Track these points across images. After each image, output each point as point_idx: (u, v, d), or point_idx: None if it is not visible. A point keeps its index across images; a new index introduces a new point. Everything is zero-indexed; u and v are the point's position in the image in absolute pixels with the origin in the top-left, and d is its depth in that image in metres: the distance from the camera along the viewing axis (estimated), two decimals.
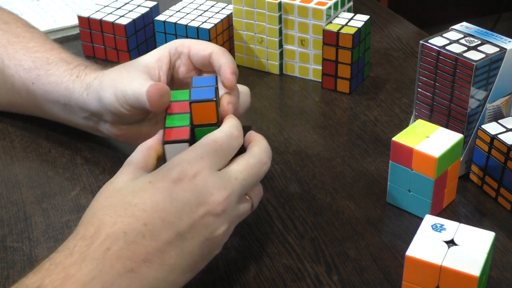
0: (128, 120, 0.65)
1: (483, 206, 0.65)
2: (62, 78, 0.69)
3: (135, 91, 0.60)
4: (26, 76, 0.72)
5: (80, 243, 0.47)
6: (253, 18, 0.86)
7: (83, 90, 0.67)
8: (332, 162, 0.71)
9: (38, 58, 0.72)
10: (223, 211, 0.51)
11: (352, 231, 0.62)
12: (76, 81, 0.68)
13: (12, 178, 0.69)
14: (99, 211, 0.49)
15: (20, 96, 0.73)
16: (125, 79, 0.63)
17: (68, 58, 0.72)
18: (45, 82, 0.70)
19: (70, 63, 0.71)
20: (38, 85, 0.71)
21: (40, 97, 0.72)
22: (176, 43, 0.65)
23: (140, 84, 0.60)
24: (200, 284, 0.56)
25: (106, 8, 0.92)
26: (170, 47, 0.65)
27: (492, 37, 0.66)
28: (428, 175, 0.60)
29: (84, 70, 0.69)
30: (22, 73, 0.72)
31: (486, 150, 0.64)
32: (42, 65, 0.71)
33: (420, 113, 0.70)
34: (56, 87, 0.70)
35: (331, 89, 0.85)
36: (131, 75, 0.63)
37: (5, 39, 0.75)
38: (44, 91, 0.71)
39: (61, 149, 0.74)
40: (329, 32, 0.81)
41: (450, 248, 0.50)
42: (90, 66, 0.70)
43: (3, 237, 0.62)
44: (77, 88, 0.68)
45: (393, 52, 0.94)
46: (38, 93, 0.71)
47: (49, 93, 0.70)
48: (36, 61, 0.72)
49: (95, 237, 0.47)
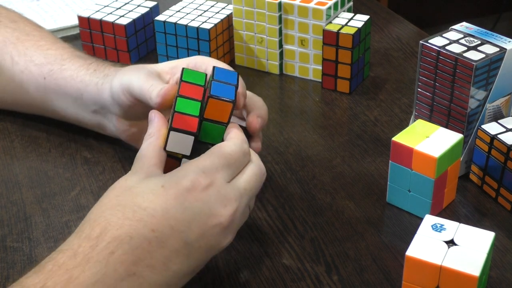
0: (132, 113, 0.66)
1: (483, 206, 0.65)
2: (78, 72, 0.70)
3: (141, 82, 0.61)
4: (38, 71, 0.72)
5: (85, 244, 0.47)
6: (253, 18, 0.86)
7: (99, 80, 0.68)
8: (332, 162, 0.71)
9: (51, 54, 0.73)
10: (233, 222, 0.51)
11: (352, 231, 0.62)
12: (93, 74, 0.69)
13: (12, 178, 0.69)
14: (107, 210, 0.49)
15: (29, 93, 0.74)
16: (134, 71, 0.63)
17: (82, 55, 0.74)
18: (58, 77, 0.71)
19: (86, 59, 0.72)
20: (50, 79, 0.71)
21: (51, 92, 0.72)
22: (196, 59, 0.65)
23: (147, 78, 0.61)
24: (200, 284, 0.56)
25: (106, 8, 0.92)
26: (189, 61, 0.65)
27: (492, 37, 0.66)
28: (428, 175, 0.60)
29: (102, 65, 0.70)
30: (32, 68, 0.73)
31: (486, 150, 0.64)
32: (56, 61, 0.72)
33: (420, 113, 0.70)
34: (71, 81, 0.70)
35: (331, 89, 0.85)
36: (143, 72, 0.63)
37: (15, 36, 0.75)
38: (56, 85, 0.71)
39: (61, 149, 0.74)
40: (329, 32, 0.81)
41: (450, 248, 0.50)
42: (108, 63, 0.71)
43: (3, 237, 0.62)
44: (94, 79, 0.68)
45: (393, 52, 0.94)
46: (49, 88, 0.72)
47: (62, 87, 0.71)
48: (49, 57, 0.73)
49: (100, 239, 0.47)
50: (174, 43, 0.87)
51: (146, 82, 0.60)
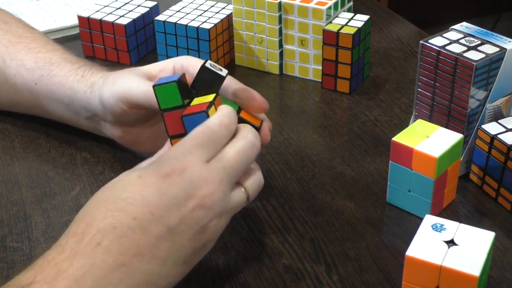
0: (126, 120, 0.66)
1: (483, 206, 0.65)
2: (67, 79, 0.69)
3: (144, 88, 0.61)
4: (29, 76, 0.72)
5: (72, 240, 0.48)
6: (253, 18, 0.86)
7: (87, 89, 0.67)
8: (332, 162, 0.71)
9: (41, 58, 0.72)
10: (213, 203, 0.51)
11: (352, 231, 0.62)
12: (81, 81, 0.68)
13: (12, 178, 0.69)
14: (91, 208, 0.50)
15: (23, 95, 0.74)
16: (127, 77, 0.63)
17: (71, 58, 0.73)
18: (48, 83, 0.71)
19: (74, 63, 0.71)
20: (41, 85, 0.71)
21: (43, 97, 0.72)
22: (182, 60, 0.64)
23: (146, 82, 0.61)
24: (200, 284, 0.56)
25: (106, 8, 0.92)
26: (175, 62, 0.65)
27: (492, 37, 0.66)
28: (428, 175, 0.60)
29: (89, 70, 0.69)
30: (24, 73, 0.72)
31: (486, 150, 0.64)
32: (45, 66, 0.72)
33: (420, 113, 0.70)
34: (61, 87, 0.70)
35: (331, 89, 0.85)
36: (133, 77, 0.63)
37: (6, 39, 0.75)
38: (47, 91, 0.71)
39: (61, 149, 0.74)
40: (329, 32, 0.81)
41: (450, 248, 0.50)
42: (95, 66, 0.70)
43: (3, 237, 0.62)
44: (82, 87, 0.68)
45: (393, 52, 0.94)
46: (41, 93, 0.72)
47: (53, 93, 0.71)
48: (39, 61, 0.72)
49: (86, 233, 0.48)
50: (174, 43, 0.87)
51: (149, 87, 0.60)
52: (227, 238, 0.61)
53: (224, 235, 0.61)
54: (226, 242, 0.60)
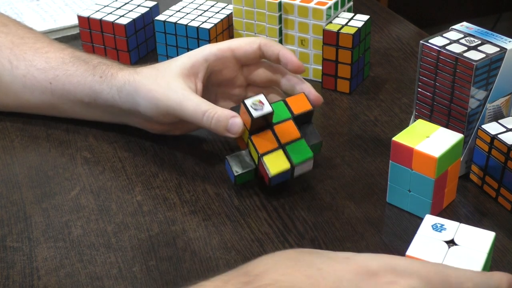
0: (162, 122, 0.68)
1: (483, 206, 0.65)
2: (85, 79, 0.70)
3: (190, 111, 0.63)
4: (41, 76, 0.72)
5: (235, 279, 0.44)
6: (253, 18, 0.86)
7: (113, 92, 0.68)
8: (332, 162, 0.71)
9: (51, 58, 0.73)
10: None
11: (352, 231, 0.62)
12: (102, 82, 0.69)
13: (12, 178, 0.69)
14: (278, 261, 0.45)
15: (33, 95, 0.73)
16: (164, 90, 0.65)
17: (83, 56, 0.73)
18: (65, 82, 0.71)
19: (88, 62, 0.71)
20: (57, 85, 0.71)
21: (59, 97, 0.72)
22: (213, 51, 0.66)
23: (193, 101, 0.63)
24: None
25: (106, 8, 0.92)
26: (207, 55, 0.66)
27: (492, 37, 0.66)
28: (428, 175, 0.60)
29: (107, 70, 0.70)
30: (36, 73, 0.72)
31: (486, 150, 0.64)
32: (58, 65, 0.72)
33: (420, 113, 0.70)
34: (79, 87, 0.70)
35: (331, 89, 0.85)
36: (170, 86, 0.64)
37: (9, 41, 0.75)
38: (64, 91, 0.71)
39: (61, 149, 0.74)
40: (329, 32, 0.81)
41: (450, 248, 0.50)
42: (111, 65, 0.71)
43: (3, 237, 0.62)
44: (105, 89, 0.69)
45: (393, 52, 0.94)
46: (56, 93, 0.72)
47: (71, 93, 0.71)
48: (50, 61, 0.72)
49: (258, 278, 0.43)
50: (174, 43, 0.87)
51: (197, 107, 0.62)
52: (227, 238, 0.61)
53: (224, 235, 0.61)
54: (226, 242, 0.60)
